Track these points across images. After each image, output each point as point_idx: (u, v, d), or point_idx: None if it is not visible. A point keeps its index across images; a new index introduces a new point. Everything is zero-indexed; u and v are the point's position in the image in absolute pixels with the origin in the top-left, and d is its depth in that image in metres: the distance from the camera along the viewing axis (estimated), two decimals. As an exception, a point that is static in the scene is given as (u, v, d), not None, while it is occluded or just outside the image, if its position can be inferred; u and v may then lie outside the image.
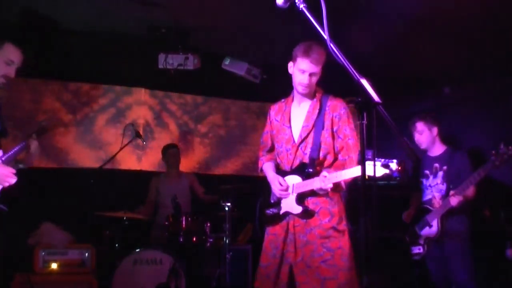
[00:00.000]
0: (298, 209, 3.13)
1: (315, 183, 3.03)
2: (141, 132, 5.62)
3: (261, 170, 3.49)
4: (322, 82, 3.19)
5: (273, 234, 3.22)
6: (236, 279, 5.13)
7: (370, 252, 1.83)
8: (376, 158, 2.16)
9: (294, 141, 3.20)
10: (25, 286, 4.35)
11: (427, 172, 4.46)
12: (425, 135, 4.45)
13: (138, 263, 4.63)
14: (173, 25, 4.54)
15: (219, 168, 6.61)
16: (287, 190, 3.18)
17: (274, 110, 3.43)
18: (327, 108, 3.18)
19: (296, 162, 3.19)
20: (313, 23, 2.02)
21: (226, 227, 4.71)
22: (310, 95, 3.24)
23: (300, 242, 3.10)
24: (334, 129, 3.17)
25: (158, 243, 5.10)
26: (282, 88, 3.51)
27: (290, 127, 3.26)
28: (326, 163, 3.19)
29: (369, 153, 4.58)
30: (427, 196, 4.43)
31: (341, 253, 3.05)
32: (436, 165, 4.39)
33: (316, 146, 3.14)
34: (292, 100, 3.33)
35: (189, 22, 4.53)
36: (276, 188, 3.21)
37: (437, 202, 4.29)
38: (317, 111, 3.18)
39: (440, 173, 4.34)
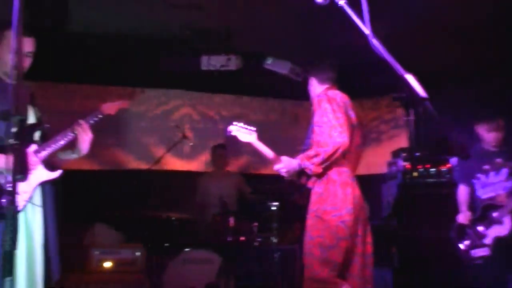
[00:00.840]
0: None
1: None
2: (187, 134, 5.70)
3: None
4: (363, 80, 3.17)
5: None
6: (284, 279, 5.12)
7: (418, 252, 1.79)
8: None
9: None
10: (79, 284, 4.48)
11: (486, 167, 4.28)
12: (502, 133, 4.28)
13: (188, 262, 4.69)
14: (215, 27, 4.58)
15: (265, 168, 6.62)
16: None
17: None
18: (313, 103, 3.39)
19: None
20: (353, 19, 1.99)
21: (274, 227, 4.72)
22: None
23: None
24: None
25: (207, 243, 5.16)
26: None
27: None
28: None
29: (417, 150, 4.48)
30: (488, 193, 4.19)
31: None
32: (499, 160, 4.18)
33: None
34: None
35: (231, 24, 4.56)
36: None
37: (503, 199, 4.04)
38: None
39: (505, 170, 4.14)
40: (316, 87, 3.48)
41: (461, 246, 4.18)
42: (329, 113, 3.13)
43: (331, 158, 3.07)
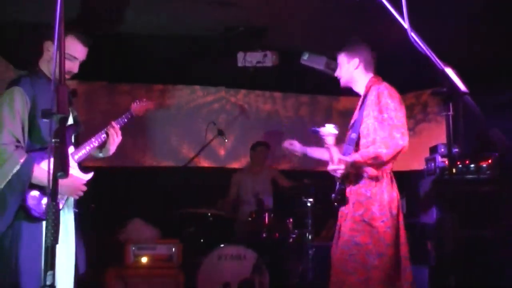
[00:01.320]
0: None
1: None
2: (223, 130, 5.72)
3: None
4: (401, 74, 3.10)
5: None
6: (319, 275, 5.09)
7: (456, 251, 1.75)
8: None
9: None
10: (117, 279, 4.56)
11: None
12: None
13: (223, 258, 4.72)
14: (250, 24, 4.58)
15: (300, 163, 6.59)
16: None
17: None
18: (369, 93, 3.19)
19: None
20: (392, 13, 1.95)
21: (309, 223, 4.69)
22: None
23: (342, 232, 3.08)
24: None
25: (242, 239, 5.17)
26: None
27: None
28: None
29: (456, 146, 4.38)
30: None
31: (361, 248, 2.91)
32: None
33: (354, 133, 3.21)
34: None
35: (266, 20, 4.55)
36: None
37: None
38: (363, 100, 3.22)
39: None
40: (361, 74, 3.20)
41: None
42: (391, 110, 2.94)
43: (390, 161, 2.93)
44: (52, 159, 1.63)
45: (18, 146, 2.67)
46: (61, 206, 2.81)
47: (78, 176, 2.90)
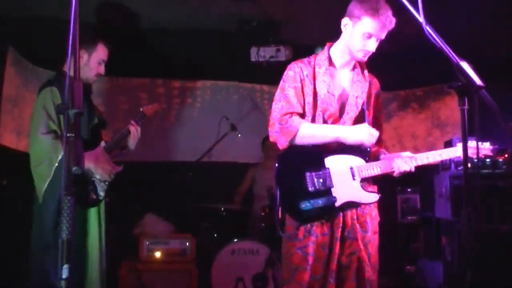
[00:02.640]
0: (371, 198, 2.64)
1: (395, 165, 2.61)
2: (236, 125, 5.72)
3: (294, 137, 2.63)
4: (416, 68, 3.06)
5: (322, 234, 2.61)
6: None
7: (473, 246, 1.74)
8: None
9: (341, 114, 2.69)
10: (131, 273, 4.60)
11: None
12: None
13: (236, 253, 4.73)
14: (264, 18, 4.56)
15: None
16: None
17: (308, 72, 2.72)
18: (371, 83, 2.80)
19: None
20: (407, 6, 1.94)
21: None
22: (355, 61, 2.75)
23: (362, 240, 2.64)
24: (376, 108, 2.82)
25: (255, 234, 5.19)
26: (376, 75, 3.41)
27: (334, 96, 2.68)
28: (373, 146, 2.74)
29: (471, 140, 4.33)
30: None
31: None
32: None
33: (369, 122, 2.71)
34: (330, 62, 2.74)
35: (279, 14, 4.54)
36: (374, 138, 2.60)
37: None
38: (367, 83, 2.76)
39: None
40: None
41: None
42: None
43: None
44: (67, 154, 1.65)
45: (58, 137, 2.93)
46: (102, 195, 3.10)
47: (106, 159, 3.15)
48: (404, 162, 2.62)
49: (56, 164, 2.88)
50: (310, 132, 2.62)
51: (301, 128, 2.61)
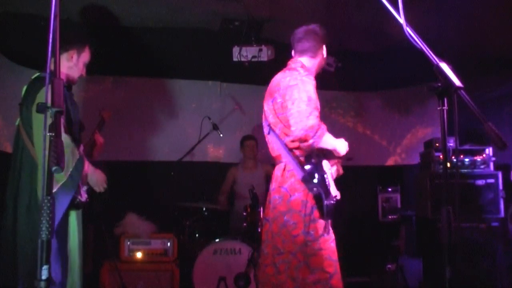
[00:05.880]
0: (337, 194, 3.09)
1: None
2: (217, 125, 5.71)
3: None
4: (396, 69, 3.10)
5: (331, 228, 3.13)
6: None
7: (452, 243, 1.77)
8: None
9: None
10: (113, 273, 4.57)
11: None
12: None
13: (218, 252, 4.73)
14: (246, 18, 4.56)
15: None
16: None
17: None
18: None
19: None
20: (388, 8, 1.96)
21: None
22: None
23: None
24: None
25: (237, 233, 5.19)
26: (358, 75, 3.44)
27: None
28: None
29: (450, 140, 4.40)
30: None
31: None
32: None
33: None
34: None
35: (262, 14, 4.54)
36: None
37: None
38: None
39: None
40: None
41: None
42: None
43: None
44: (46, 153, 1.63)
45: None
46: (85, 198, 3.05)
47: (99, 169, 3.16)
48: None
49: (71, 169, 2.83)
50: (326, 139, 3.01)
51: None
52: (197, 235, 5.14)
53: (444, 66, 1.91)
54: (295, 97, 2.98)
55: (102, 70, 5.84)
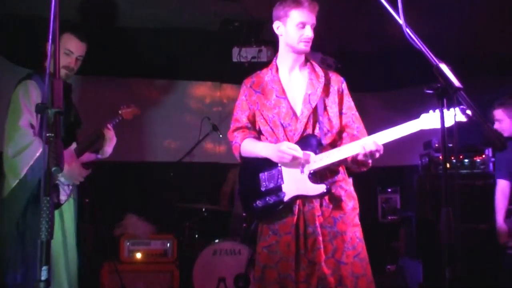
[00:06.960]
0: (318, 189, 2.56)
1: (360, 145, 2.56)
2: (217, 125, 5.71)
3: (240, 152, 2.96)
4: (396, 70, 3.10)
5: (286, 233, 2.64)
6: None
7: (452, 244, 1.76)
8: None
9: (295, 114, 2.73)
10: (112, 274, 4.56)
11: None
12: (506, 123, 3.96)
13: (218, 253, 4.73)
14: (246, 18, 4.56)
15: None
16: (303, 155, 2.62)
17: (252, 83, 3.00)
18: (331, 80, 2.83)
19: (298, 137, 2.70)
20: (387, 8, 1.96)
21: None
22: (303, 61, 2.85)
23: (328, 235, 2.62)
24: (341, 104, 2.84)
25: (237, 234, 5.18)
26: (357, 76, 3.43)
27: (286, 98, 2.77)
28: (330, 139, 2.75)
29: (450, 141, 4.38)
30: None
31: (363, 243, 2.70)
32: None
33: (325, 118, 2.74)
34: (277, 69, 2.87)
35: (262, 15, 4.54)
36: (286, 155, 2.58)
37: None
38: (322, 79, 2.78)
39: None
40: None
41: None
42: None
43: None
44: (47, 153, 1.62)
45: (35, 134, 2.89)
46: (65, 198, 2.99)
47: (76, 163, 3.05)
48: (365, 145, 2.58)
49: (31, 163, 2.82)
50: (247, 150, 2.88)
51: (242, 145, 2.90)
52: (196, 235, 5.14)
53: (444, 67, 1.90)
54: None
55: (102, 71, 5.83)
